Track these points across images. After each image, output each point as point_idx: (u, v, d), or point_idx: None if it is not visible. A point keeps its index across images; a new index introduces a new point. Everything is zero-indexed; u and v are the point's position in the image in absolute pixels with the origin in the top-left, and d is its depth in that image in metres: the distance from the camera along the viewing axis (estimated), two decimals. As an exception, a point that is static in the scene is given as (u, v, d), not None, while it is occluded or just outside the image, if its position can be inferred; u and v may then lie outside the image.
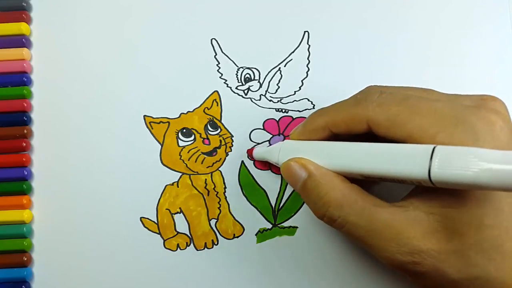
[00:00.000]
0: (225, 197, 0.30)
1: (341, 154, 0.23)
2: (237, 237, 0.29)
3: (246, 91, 0.30)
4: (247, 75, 0.30)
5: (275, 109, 0.30)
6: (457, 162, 0.18)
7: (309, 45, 0.31)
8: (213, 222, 0.30)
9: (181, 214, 0.30)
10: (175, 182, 0.30)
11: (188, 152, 0.30)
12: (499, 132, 0.20)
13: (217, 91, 0.30)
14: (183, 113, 0.30)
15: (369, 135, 0.23)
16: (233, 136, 0.30)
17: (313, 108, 0.30)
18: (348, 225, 0.22)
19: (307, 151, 0.25)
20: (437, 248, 0.21)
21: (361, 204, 0.22)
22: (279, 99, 0.30)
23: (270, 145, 0.30)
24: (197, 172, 0.30)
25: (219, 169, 0.30)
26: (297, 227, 0.29)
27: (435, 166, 0.18)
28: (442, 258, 0.21)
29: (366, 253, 0.29)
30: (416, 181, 0.20)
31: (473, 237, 0.20)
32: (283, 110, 0.30)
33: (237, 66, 0.30)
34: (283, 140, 0.30)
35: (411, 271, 0.21)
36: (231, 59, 0.30)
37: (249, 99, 0.30)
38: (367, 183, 0.25)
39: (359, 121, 0.23)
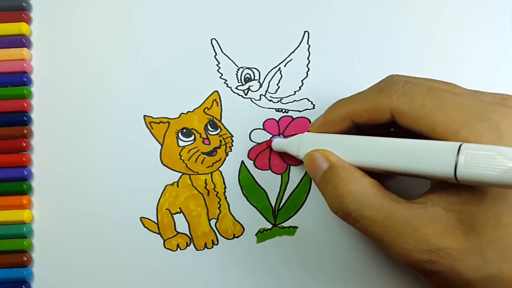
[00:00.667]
0: (225, 197, 0.30)
1: (365, 148, 0.23)
2: (237, 237, 0.29)
3: (246, 91, 0.30)
4: (247, 75, 0.30)
5: (275, 109, 0.30)
6: (484, 161, 0.18)
7: (309, 45, 0.31)
8: (213, 222, 0.30)
9: (181, 214, 0.30)
10: (175, 182, 0.30)
11: (188, 152, 0.30)
12: None
13: (217, 91, 0.30)
14: (183, 113, 0.30)
15: (390, 125, 0.23)
16: (233, 136, 0.30)
17: (313, 108, 0.30)
18: (363, 220, 0.22)
19: (329, 144, 0.25)
20: (455, 246, 0.20)
21: (379, 199, 0.22)
22: (279, 99, 0.30)
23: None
24: (197, 172, 0.30)
25: (219, 169, 0.30)
26: (297, 227, 0.29)
27: (462, 164, 0.18)
28: (459, 256, 0.20)
29: (366, 253, 0.29)
30: (441, 178, 0.20)
31: (490, 235, 0.20)
32: (283, 110, 0.30)
33: (237, 66, 0.30)
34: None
35: (427, 270, 0.21)
36: (231, 59, 0.30)
37: (249, 99, 0.30)
38: (383, 177, 0.25)
39: (382, 111, 0.22)
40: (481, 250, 0.20)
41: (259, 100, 0.30)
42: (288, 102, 0.30)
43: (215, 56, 0.31)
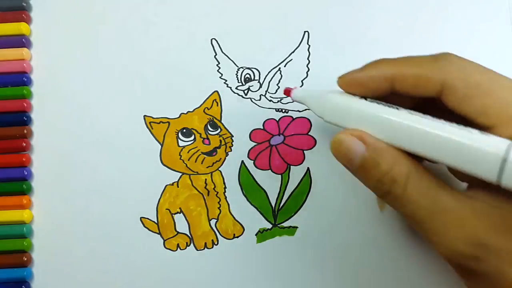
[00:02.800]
0: (225, 197, 0.30)
1: (405, 129, 0.20)
2: (237, 237, 0.29)
3: (246, 91, 0.30)
4: (247, 75, 0.30)
5: (275, 109, 0.30)
6: None
7: (309, 45, 0.31)
8: (213, 222, 0.30)
9: (181, 214, 0.30)
10: (175, 182, 0.30)
11: (188, 152, 0.30)
12: None
13: (217, 91, 0.30)
14: (183, 113, 0.30)
15: (428, 104, 0.21)
16: (233, 136, 0.30)
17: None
18: (411, 205, 0.20)
19: (362, 115, 0.21)
20: (504, 246, 0.19)
21: (426, 183, 0.20)
22: (279, 99, 0.30)
23: (271, 144, 0.30)
24: (197, 172, 0.30)
25: (219, 169, 0.30)
26: (297, 227, 0.29)
27: (507, 173, 0.17)
28: (509, 257, 0.19)
29: (366, 253, 0.29)
30: (484, 178, 0.18)
31: None
32: (283, 110, 0.30)
33: (237, 66, 0.30)
34: (283, 140, 0.30)
35: (471, 269, 0.19)
36: (231, 59, 0.30)
37: (249, 99, 0.30)
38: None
39: (433, 81, 0.20)
40: None
41: (259, 100, 0.30)
42: (288, 102, 0.30)
43: (215, 56, 0.31)
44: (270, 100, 0.30)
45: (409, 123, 0.20)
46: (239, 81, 0.30)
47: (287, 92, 0.26)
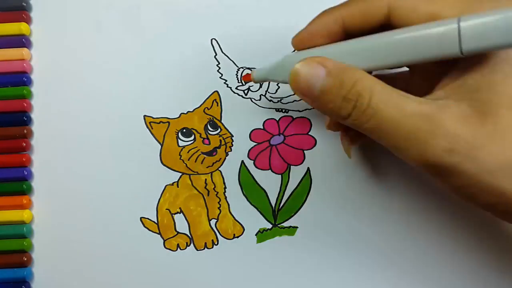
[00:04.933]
0: (225, 197, 0.30)
1: (360, 48, 0.21)
2: (237, 237, 0.29)
3: (246, 91, 0.30)
4: (247, 75, 0.30)
5: (275, 109, 0.30)
6: (486, 24, 0.18)
7: (309, 45, 0.30)
8: (213, 222, 0.30)
9: (181, 214, 0.30)
10: (175, 182, 0.30)
11: (188, 152, 0.30)
12: None
13: (217, 91, 0.30)
14: (183, 113, 0.30)
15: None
16: (233, 136, 0.30)
17: (313, 108, 0.30)
18: (376, 117, 0.20)
19: (320, 53, 0.22)
20: (472, 133, 0.19)
21: (389, 93, 0.20)
22: (279, 99, 0.30)
23: (271, 144, 0.30)
24: (197, 172, 0.30)
25: (219, 169, 0.30)
26: (297, 227, 0.29)
27: (464, 32, 0.18)
28: (478, 143, 0.19)
29: (366, 253, 0.29)
30: (446, 56, 0.19)
31: (507, 117, 0.19)
32: (283, 110, 0.30)
33: (237, 66, 0.30)
34: (283, 140, 0.30)
35: (445, 162, 0.20)
36: (231, 59, 0.30)
37: (249, 99, 0.30)
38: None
39: (379, 7, 0.21)
40: (500, 135, 0.19)
41: (259, 100, 0.30)
42: (288, 102, 0.30)
43: (215, 56, 0.31)
44: (270, 100, 0.30)
45: (361, 42, 0.21)
46: (239, 81, 0.30)
47: (247, 77, 0.27)
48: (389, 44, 0.21)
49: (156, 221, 0.29)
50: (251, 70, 0.30)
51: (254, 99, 0.30)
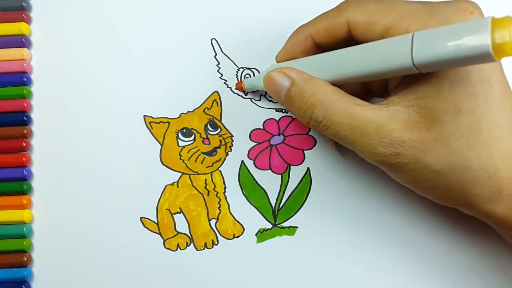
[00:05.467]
0: (225, 197, 0.30)
1: (325, 62, 0.24)
2: (237, 237, 0.29)
3: (246, 92, 0.30)
4: (247, 76, 0.30)
5: (275, 109, 0.30)
6: (436, 40, 0.19)
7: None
8: (213, 222, 0.30)
9: (181, 214, 0.30)
10: (175, 182, 0.30)
11: (188, 152, 0.30)
12: (469, 18, 0.21)
13: (217, 91, 0.30)
14: (183, 113, 0.30)
15: (349, 44, 0.24)
16: (233, 136, 0.30)
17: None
18: (333, 125, 0.23)
19: (293, 64, 0.25)
20: (418, 138, 0.21)
21: (343, 103, 0.23)
22: (279, 99, 0.30)
23: (271, 144, 0.30)
24: (197, 172, 0.30)
25: (219, 169, 0.30)
26: (297, 227, 0.29)
27: (417, 49, 0.19)
28: (423, 147, 0.21)
29: (365, 253, 0.29)
30: (401, 70, 0.20)
31: (452, 124, 0.21)
32: (283, 110, 0.30)
33: (237, 67, 0.30)
34: (283, 140, 0.30)
35: (393, 163, 0.22)
36: (231, 59, 0.30)
37: (249, 99, 0.30)
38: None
39: (339, 24, 0.23)
40: (445, 140, 0.21)
41: (259, 100, 0.30)
42: (288, 102, 0.30)
43: (215, 57, 0.31)
44: (270, 100, 0.30)
45: (325, 56, 0.24)
46: (239, 81, 0.30)
47: (239, 85, 0.29)
48: (349, 58, 0.22)
49: (156, 221, 0.29)
50: (251, 70, 0.30)
51: (254, 99, 0.30)
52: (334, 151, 0.29)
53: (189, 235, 0.29)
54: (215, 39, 0.31)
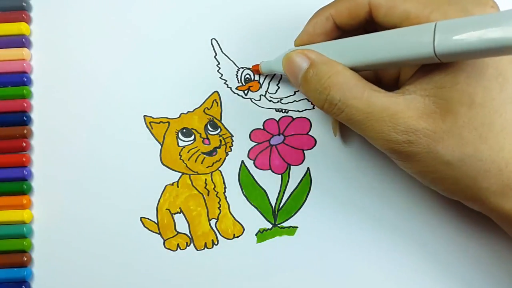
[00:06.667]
0: (225, 197, 0.30)
1: (345, 47, 0.23)
2: (237, 237, 0.29)
3: (246, 91, 0.30)
4: (247, 76, 0.30)
5: (275, 109, 0.30)
6: (459, 31, 0.19)
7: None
8: (213, 222, 0.30)
9: (181, 214, 0.30)
10: (175, 182, 0.30)
11: (188, 152, 0.30)
12: (490, 11, 0.21)
13: (217, 91, 0.30)
14: (183, 113, 0.30)
15: (369, 28, 0.24)
16: (233, 136, 0.30)
17: (313, 108, 0.30)
18: (348, 109, 0.23)
19: (314, 47, 0.25)
20: (432, 128, 0.21)
21: (361, 88, 0.22)
22: (279, 99, 0.30)
23: (271, 144, 0.30)
24: (197, 172, 0.30)
25: (219, 169, 0.30)
26: (297, 227, 0.29)
27: (439, 39, 0.19)
28: (437, 137, 0.21)
29: (365, 253, 0.29)
30: (421, 59, 0.20)
31: (465, 115, 0.21)
32: (283, 110, 0.30)
33: (237, 66, 0.30)
34: (283, 140, 0.30)
35: (405, 151, 0.22)
36: (231, 60, 0.30)
37: (249, 99, 0.30)
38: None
39: (361, 4, 0.23)
40: (458, 131, 0.21)
41: (259, 100, 0.30)
42: (288, 102, 0.30)
43: (215, 57, 0.31)
44: (270, 100, 0.30)
45: (346, 41, 0.24)
46: (239, 81, 0.30)
47: (256, 67, 0.29)
48: (370, 44, 0.22)
49: (156, 221, 0.29)
50: (251, 70, 0.30)
51: (254, 99, 0.30)
52: (337, 136, 0.29)
53: (189, 235, 0.29)
54: (215, 39, 0.31)
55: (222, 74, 0.30)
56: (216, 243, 0.29)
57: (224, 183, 0.30)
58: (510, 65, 0.21)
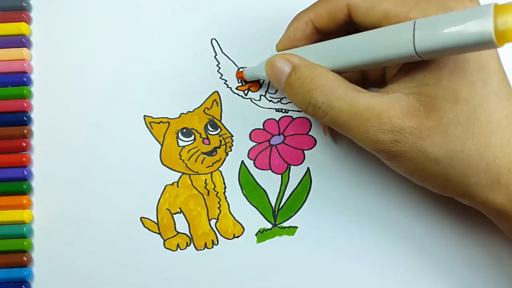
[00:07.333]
0: (225, 197, 0.30)
1: (326, 50, 0.23)
2: (237, 237, 0.29)
3: (246, 92, 0.30)
4: (247, 75, 0.30)
5: (275, 109, 0.30)
6: (438, 27, 0.19)
7: (309, 45, 0.31)
8: (213, 222, 0.30)
9: (181, 214, 0.30)
10: (175, 182, 0.30)
11: (188, 152, 0.30)
12: (469, 7, 0.21)
13: (217, 91, 0.30)
14: (183, 113, 0.30)
15: (351, 31, 0.24)
16: (233, 136, 0.30)
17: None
18: (332, 111, 0.23)
19: (295, 51, 0.25)
20: (418, 126, 0.21)
21: (344, 89, 0.22)
22: (279, 99, 0.30)
23: (271, 144, 0.30)
24: (197, 172, 0.30)
25: (219, 169, 0.30)
26: (297, 227, 0.29)
27: (419, 36, 0.19)
28: (423, 135, 0.21)
29: (365, 253, 0.29)
30: (403, 58, 0.20)
31: (450, 111, 0.21)
32: (283, 110, 0.30)
33: (237, 66, 0.30)
34: (283, 140, 0.30)
35: (393, 151, 0.22)
36: (231, 59, 0.30)
37: (249, 99, 0.30)
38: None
39: (340, 7, 0.23)
40: (444, 128, 0.21)
41: (259, 100, 0.30)
42: (288, 102, 0.30)
43: (215, 56, 0.31)
44: (270, 100, 0.30)
45: (326, 44, 0.24)
46: (239, 81, 0.30)
47: (240, 74, 0.30)
48: (350, 46, 0.22)
49: (156, 221, 0.29)
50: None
51: (254, 99, 0.30)
52: (327, 136, 0.29)
53: (189, 235, 0.29)
54: (215, 39, 0.31)
55: (222, 74, 0.30)
56: (216, 243, 0.29)
57: (224, 183, 0.30)
58: (492, 59, 0.21)
